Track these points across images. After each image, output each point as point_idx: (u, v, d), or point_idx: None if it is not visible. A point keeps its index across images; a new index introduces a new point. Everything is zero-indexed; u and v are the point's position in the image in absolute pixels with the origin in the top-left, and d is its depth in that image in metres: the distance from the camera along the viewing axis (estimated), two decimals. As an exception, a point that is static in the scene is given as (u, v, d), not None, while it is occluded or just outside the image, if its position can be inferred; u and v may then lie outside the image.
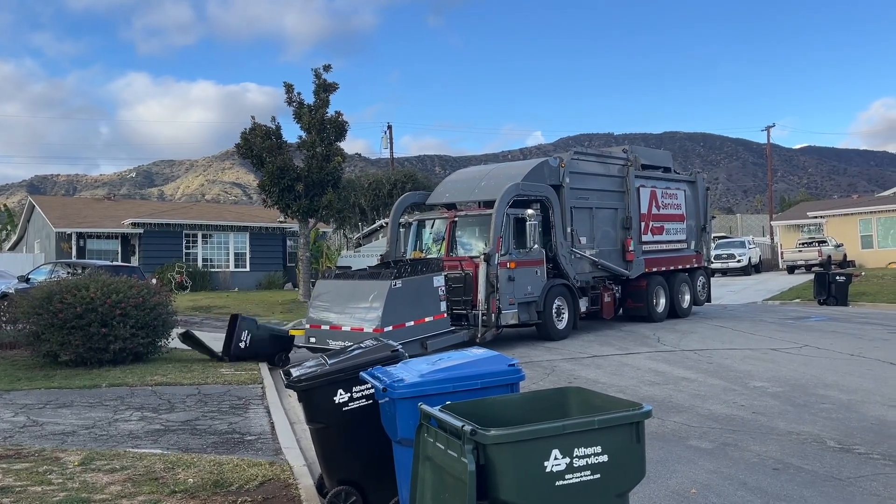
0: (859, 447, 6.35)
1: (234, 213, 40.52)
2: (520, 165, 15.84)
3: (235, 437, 6.97)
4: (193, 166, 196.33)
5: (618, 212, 16.56)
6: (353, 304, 11.47)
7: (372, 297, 11.20)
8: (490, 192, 14.22)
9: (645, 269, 16.85)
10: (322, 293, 12.20)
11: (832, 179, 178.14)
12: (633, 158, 17.00)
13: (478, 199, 14.84)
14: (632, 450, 3.34)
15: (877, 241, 38.19)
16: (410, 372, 4.45)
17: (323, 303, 11.92)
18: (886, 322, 16.66)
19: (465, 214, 14.44)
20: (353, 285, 11.92)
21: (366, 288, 11.52)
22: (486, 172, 15.87)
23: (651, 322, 16.67)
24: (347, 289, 11.90)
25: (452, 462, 3.24)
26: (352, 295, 11.64)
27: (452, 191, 15.77)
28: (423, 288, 11.77)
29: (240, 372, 10.66)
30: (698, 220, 19.68)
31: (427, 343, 11.31)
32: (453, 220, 14.39)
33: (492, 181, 14.80)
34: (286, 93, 24.79)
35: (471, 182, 15.63)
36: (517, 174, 14.47)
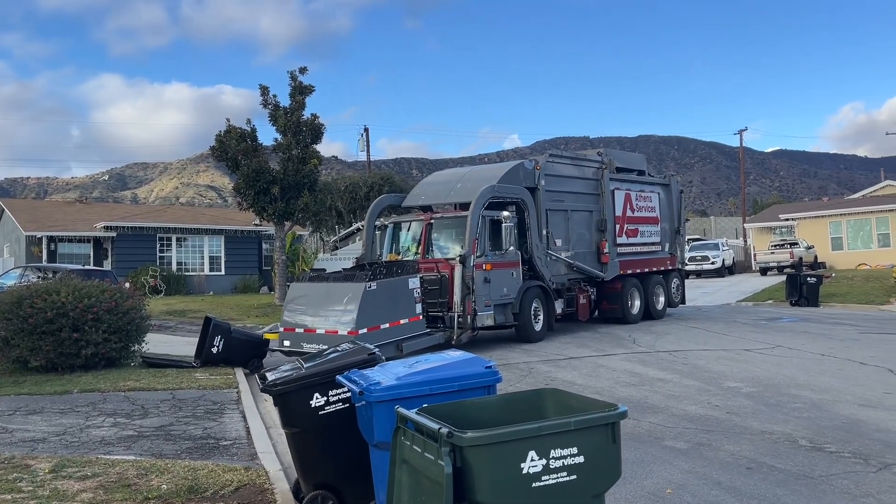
0: (830, 446, 6.45)
1: (209, 216, 40.15)
2: (495, 168, 15.84)
3: (210, 443, 6.90)
4: (167, 169, 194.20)
5: (593, 214, 16.61)
6: (327, 307, 11.37)
7: (346, 299, 11.13)
8: (466, 195, 14.22)
9: (620, 271, 16.90)
10: (296, 296, 12.07)
11: (803, 182, 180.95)
12: (607, 161, 17.08)
13: (454, 202, 14.84)
14: (608, 450, 3.36)
15: (846, 243, 38.85)
16: (387, 375, 4.43)
17: (297, 306, 11.83)
18: (856, 322, 16.95)
19: (441, 216, 14.44)
20: (327, 288, 11.81)
21: (340, 290, 11.43)
22: (461, 175, 15.84)
23: (626, 324, 16.75)
24: (322, 291, 11.79)
25: (429, 465, 3.23)
26: (326, 297, 11.54)
27: (428, 193, 15.72)
28: (399, 290, 11.69)
29: (215, 377, 10.55)
30: (672, 222, 19.84)
31: (402, 345, 11.30)
32: (429, 222, 14.36)
33: (468, 183, 14.80)
34: (262, 95, 24.62)
35: (446, 184, 15.60)
36: (493, 176, 14.47)
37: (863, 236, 38.37)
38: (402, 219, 15.44)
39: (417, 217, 14.98)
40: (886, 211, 37.62)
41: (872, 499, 5.10)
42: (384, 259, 14.53)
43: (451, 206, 14.92)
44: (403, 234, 15.07)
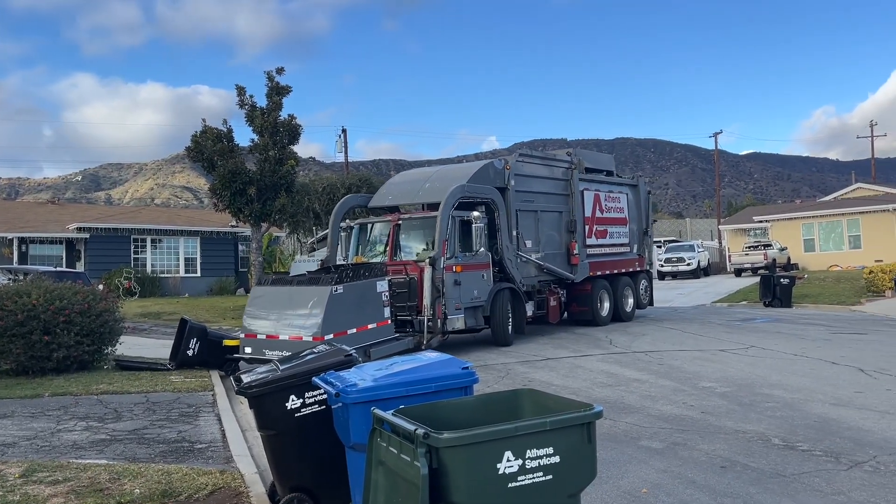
0: (802, 444, 6.54)
1: (185, 217, 39.75)
2: (465, 167, 15.50)
3: (185, 446, 6.82)
4: (142, 170, 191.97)
5: (562, 215, 16.38)
6: (291, 312, 10.78)
7: (311, 303, 10.54)
8: (434, 195, 13.90)
9: (589, 272, 16.68)
10: (257, 300, 11.44)
11: (776, 185, 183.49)
12: (577, 161, 16.85)
13: (422, 202, 14.47)
14: (583, 450, 3.38)
15: (818, 245, 39.43)
16: (363, 376, 4.42)
17: (259, 310, 11.18)
18: (828, 323, 17.21)
19: (409, 217, 14.09)
20: (290, 291, 11.15)
21: (304, 294, 10.81)
22: (430, 174, 15.42)
23: (595, 326, 16.63)
24: (284, 295, 11.14)
25: (405, 466, 3.22)
26: (289, 301, 10.94)
27: (395, 193, 15.27)
28: (366, 293, 11.22)
29: (189, 379, 10.45)
30: (640, 223, 19.68)
31: (370, 351, 10.88)
32: (397, 223, 13.96)
33: (436, 183, 14.42)
34: (238, 95, 24.42)
35: (414, 184, 15.21)
36: (462, 176, 14.12)
37: (834, 238, 38.97)
38: (369, 220, 15.05)
39: (384, 218, 14.52)
40: (857, 213, 38.25)
41: (843, 496, 5.18)
42: (350, 261, 14.05)
43: (419, 207, 14.58)
44: (370, 236, 14.67)
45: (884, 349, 12.42)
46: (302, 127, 24.56)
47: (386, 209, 15.14)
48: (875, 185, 48.05)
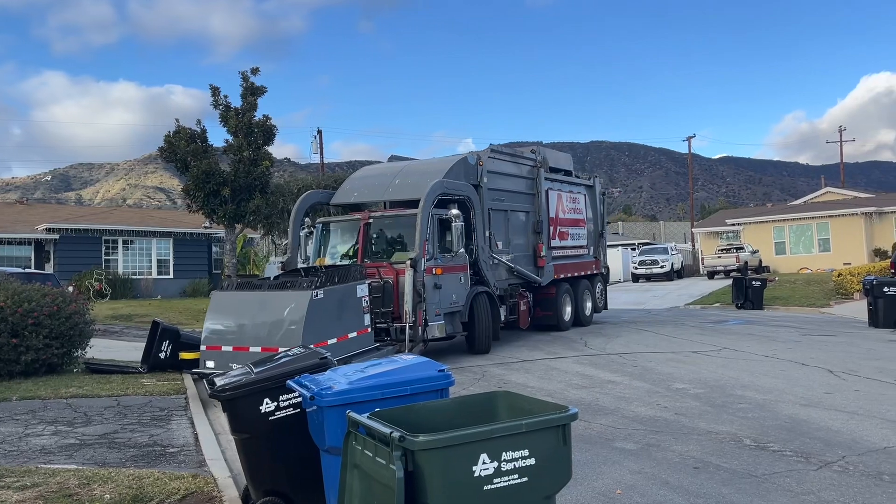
0: (773, 445, 6.63)
1: (158, 218, 39.27)
2: (437, 163, 14.43)
3: (157, 450, 6.73)
4: (114, 170, 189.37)
5: (529, 215, 15.65)
6: (263, 320, 9.65)
7: (288, 310, 9.47)
8: (407, 191, 13.05)
9: (554, 275, 16.05)
10: (220, 307, 10.16)
11: (748, 189, 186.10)
12: (541, 160, 16.19)
13: (391, 199, 13.44)
14: (559, 452, 3.39)
15: (789, 248, 40.06)
16: (339, 379, 4.39)
17: (222, 319, 9.97)
18: (798, 325, 17.47)
19: (381, 215, 13.01)
20: (261, 297, 9.95)
21: (279, 300, 9.73)
22: (398, 170, 14.39)
23: (559, 331, 16.09)
24: (254, 301, 9.93)
25: (380, 469, 3.21)
26: (261, 309, 9.79)
27: (361, 190, 14.05)
28: (346, 299, 10.21)
29: (161, 382, 10.31)
30: (597, 225, 19.07)
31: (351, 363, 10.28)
32: (367, 221, 12.82)
33: (407, 179, 13.51)
34: (212, 95, 24.26)
35: (381, 180, 14.07)
36: (436, 171, 13.21)
37: (804, 241, 39.62)
38: (334, 219, 13.84)
39: (351, 216, 13.38)
40: (826, 217, 38.92)
41: (813, 496, 5.25)
42: (311, 263, 12.85)
43: (386, 205, 13.56)
44: (335, 236, 13.59)
45: (852, 351, 12.64)
46: (277, 128, 24.52)
47: (350, 207, 14.12)
48: (844, 190, 49.02)
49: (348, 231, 13.29)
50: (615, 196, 22.66)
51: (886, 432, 6.95)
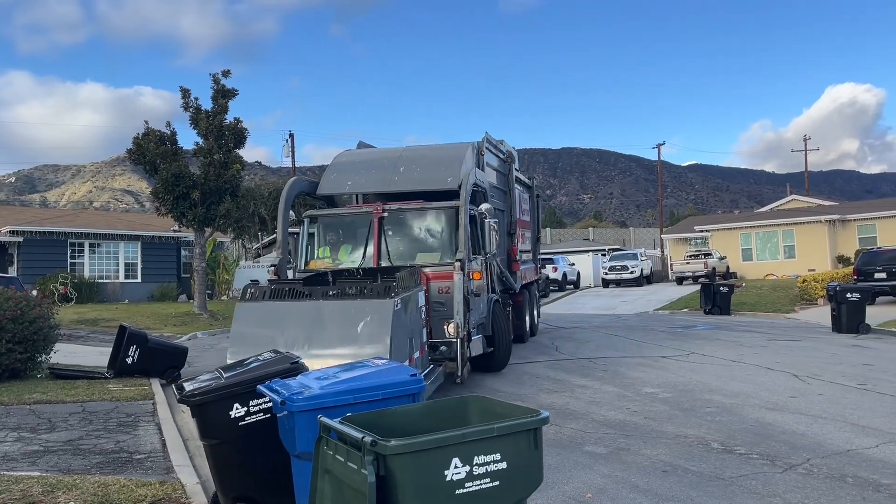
0: (740, 448, 6.73)
1: (125, 221, 38.67)
2: (446, 149, 12.36)
3: (123, 457, 6.62)
4: (81, 172, 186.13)
5: (504, 214, 14.13)
6: (324, 336, 7.55)
7: (363, 325, 7.48)
8: (418, 181, 11.10)
9: (523, 280, 14.82)
10: (252, 324, 7.90)
11: (717, 196, 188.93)
12: (509, 153, 14.82)
13: (398, 190, 11.25)
14: (530, 456, 3.40)
15: (756, 254, 40.71)
16: (310, 384, 4.37)
17: (256, 341, 7.39)
18: (764, 330, 17.77)
19: (399, 208, 10.73)
20: (316, 309, 7.82)
21: (346, 311, 7.70)
22: (396, 156, 12.06)
23: (521, 342, 14.76)
24: (305, 315, 7.82)
25: (352, 474, 3.20)
26: (316, 324, 7.67)
27: (357, 179, 11.76)
28: (413, 310, 8.41)
29: (128, 388, 10.15)
30: (534, 228, 17.73)
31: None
32: (381, 215, 10.61)
33: (414, 166, 11.53)
34: (182, 97, 23.97)
35: (379, 167, 11.86)
36: (453, 158, 11.39)
37: (770, 248, 40.30)
38: (333, 212, 11.38)
39: (360, 209, 11.16)
40: (792, 224, 39.64)
41: (779, 498, 5.34)
42: (302, 266, 10.96)
43: (391, 197, 11.31)
44: (334, 233, 11.29)
45: (816, 355, 12.88)
46: (248, 130, 24.30)
47: (342, 199, 11.97)
48: (808, 198, 49.99)
49: (353, 227, 11.02)
50: (585, 202, 22.67)
51: (849, 435, 7.09)
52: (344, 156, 12.74)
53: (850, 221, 38.89)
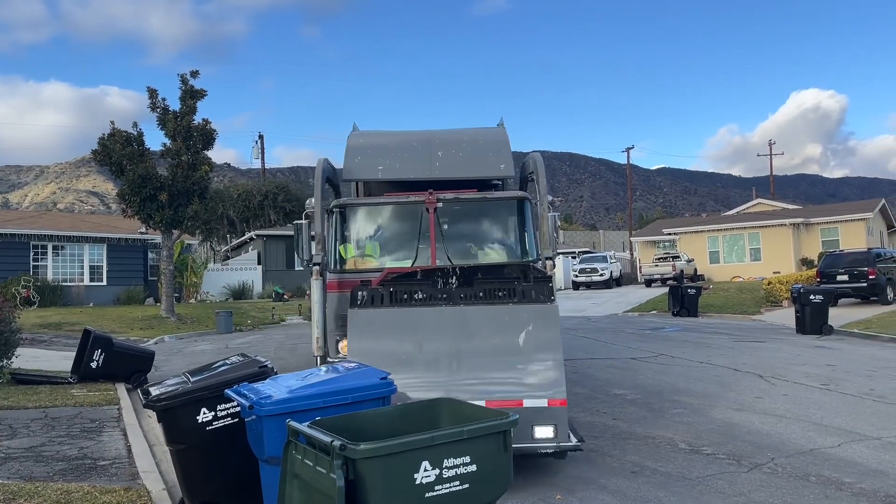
0: (707, 448, 6.82)
1: (91, 223, 37.99)
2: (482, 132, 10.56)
3: (87, 463, 6.49)
4: (44, 173, 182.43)
5: None
6: (481, 352, 6.21)
7: (524, 335, 6.18)
8: (467, 167, 9.49)
9: None
10: (378, 335, 6.40)
11: (685, 199, 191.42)
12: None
13: (441, 178, 9.44)
14: (499, 459, 3.41)
15: (723, 257, 41.34)
16: (279, 388, 4.33)
17: (383, 356, 5.96)
18: (731, 331, 18.03)
19: (456, 198, 8.97)
20: (460, 315, 6.43)
21: (501, 319, 6.36)
22: (425, 138, 10.18)
23: None
24: (451, 322, 6.41)
25: (321, 478, 3.17)
26: (466, 333, 6.33)
27: (389, 163, 9.71)
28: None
29: (93, 393, 9.97)
30: None
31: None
32: (435, 205, 8.87)
33: (455, 151, 9.78)
34: (150, 98, 23.65)
35: (413, 150, 9.95)
36: (497, 143, 9.86)
37: (737, 250, 40.95)
38: (380, 201, 9.35)
39: (407, 198, 9.10)
40: (757, 227, 40.33)
41: (744, 497, 5.43)
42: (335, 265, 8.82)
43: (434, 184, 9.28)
44: (370, 225, 9.55)
45: (781, 356, 13.11)
46: (217, 132, 24.06)
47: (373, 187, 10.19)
48: (774, 201, 50.94)
49: (397, 219, 9.38)
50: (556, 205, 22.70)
51: (812, 434, 7.23)
52: (361, 136, 10.62)
53: (814, 225, 39.68)
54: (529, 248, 8.81)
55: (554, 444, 5.76)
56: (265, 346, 17.73)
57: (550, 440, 5.75)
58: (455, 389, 5.74)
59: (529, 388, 5.92)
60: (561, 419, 5.70)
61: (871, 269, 22.28)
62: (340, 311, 7.93)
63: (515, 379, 5.99)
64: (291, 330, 23.00)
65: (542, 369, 6.00)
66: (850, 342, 15.39)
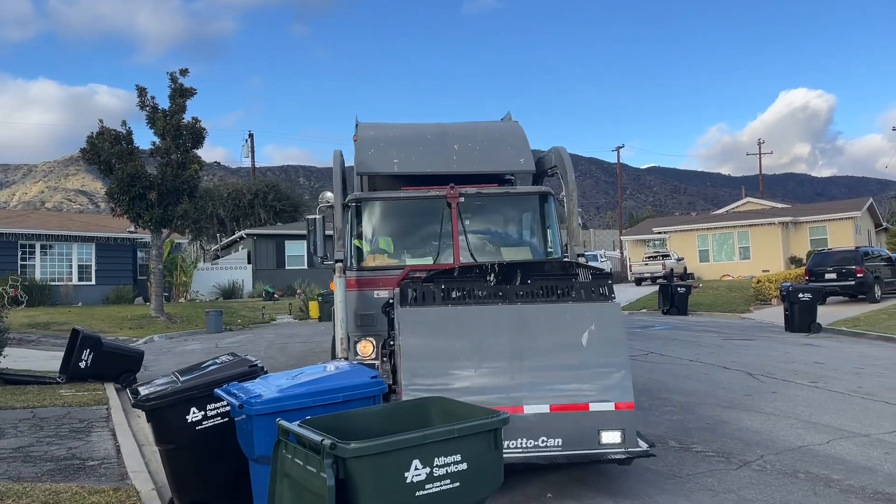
0: (697, 446, 6.85)
1: (79, 222, 37.76)
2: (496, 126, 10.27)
3: (76, 463, 6.45)
4: (32, 171, 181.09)
5: None
6: (535, 355, 5.75)
7: (587, 335, 5.81)
8: (486, 161, 9.01)
9: None
10: (432, 334, 5.88)
11: (674, 198, 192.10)
12: None
13: (461, 172, 8.90)
14: (490, 457, 3.41)
15: (712, 255, 41.52)
16: (268, 387, 4.32)
17: (440, 356, 5.74)
18: (720, 330, 18.12)
19: (478, 192, 8.57)
20: (518, 314, 5.94)
21: (561, 318, 5.96)
22: (439, 131, 9.63)
23: None
24: (509, 322, 5.91)
25: (311, 477, 3.17)
26: (527, 334, 5.83)
27: (405, 156, 9.08)
28: None
29: (82, 393, 9.91)
30: None
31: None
32: (458, 200, 8.43)
33: (471, 144, 9.33)
34: (139, 96, 23.53)
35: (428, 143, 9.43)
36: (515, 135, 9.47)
37: (726, 249, 41.14)
38: (398, 195, 8.73)
39: (427, 193, 8.57)
40: (747, 226, 40.54)
41: (734, 494, 5.45)
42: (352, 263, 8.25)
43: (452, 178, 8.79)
44: (388, 221, 9.02)
45: (770, 354, 13.18)
46: (206, 130, 23.97)
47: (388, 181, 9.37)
48: (763, 200, 51.24)
49: (415, 214, 8.90)
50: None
51: (801, 432, 7.27)
52: (371, 129, 9.95)
53: (803, 223, 39.92)
54: (553, 245, 8.50)
55: (622, 449, 5.45)
56: (255, 345, 17.67)
57: (618, 445, 5.45)
58: (516, 392, 5.52)
59: (595, 390, 5.60)
60: (629, 423, 5.47)
61: (859, 268, 22.44)
62: (360, 310, 7.70)
63: (580, 381, 5.66)
64: (282, 329, 22.95)
65: (608, 371, 5.69)
66: (839, 340, 15.50)
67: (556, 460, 5.31)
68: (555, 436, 5.40)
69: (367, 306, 7.72)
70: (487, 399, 5.24)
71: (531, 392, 5.52)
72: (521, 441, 5.38)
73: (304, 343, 17.84)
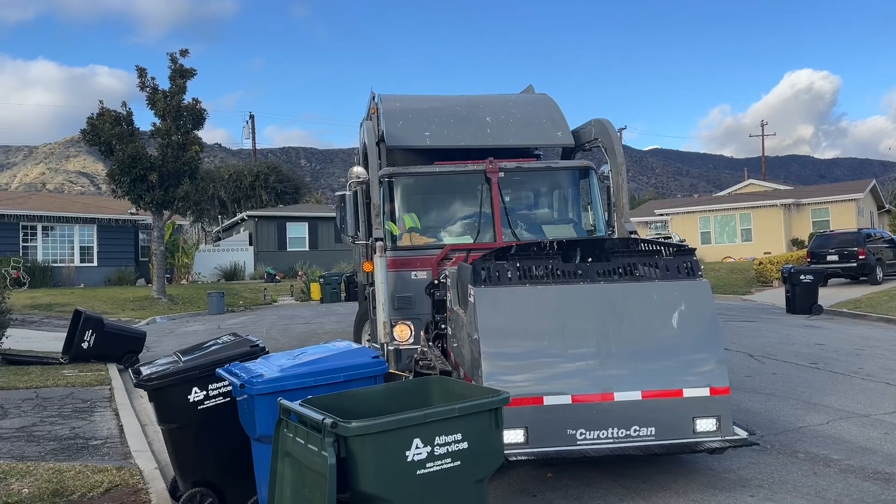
0: (697, 426, 6.86)
1: (80, 203, 37.74)
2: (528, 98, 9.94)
3: (79, 443, 6.50)
4: (33, 153, 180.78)
5: None
6: (624, 339, 5.29)
7: (678, 315, 5.41)
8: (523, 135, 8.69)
9: None
10: (513, 315, 5.29)
11: (676, 180, 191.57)
12: None
13: (496, 145, 8.45)
14: (491, 436, 3.43)
15: (714, 237, 41.48)
16: (270, 367, 4.33)
17: (524, 339, 5.21)
18: (722, 311, 18.09)
19: (518, 167, 8.16)
20: (602, 293, 5.45)
21: (649, 297, 5.49)
22: (469, 103, 9.32)
23: None
24: (595, 302, 5.43)
25: (312, 456, 3.18)
26: (613, 315, 5.35)
27: (436, 129, 8.65)
28: None
29: (84, 373, 9.96)
30: None
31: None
32: (497, 174, 7.96)
33: (505, 116, 8.98)
34: (139, 77, 23.44)
35: (459, 116, 8.99)
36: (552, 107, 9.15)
37: (728, 231, 41.09)
38: (435, 170, 8.23)
39: (465, 167, 8.09)
40: (749, 208, 40.45)
41: (733, 474, 5.49)
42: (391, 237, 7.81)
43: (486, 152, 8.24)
44: (422, 197, 8.51)
45: (770, 336, 13.20)
46: (207, 111, 23.91)
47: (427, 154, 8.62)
48: (765, 182, 51.04)
49: (451, 190, 8.45)
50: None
51: (801, 412, 7.30)
52: (396, 100, 9.39)
53: (805, 205, 39.82)
54: (597, 221, 8.13)
55: (718, 438, 5.12)
56: (257, 326, 17.73)
57: (713, 433, 5.13)
58: (606, 378, 5.10)
59: (688, 375, 5.21)
60: (725, 410, 5.15)
61: (861, 250, 22.41)
62: (396, 292, 7.43)
63: (671, 365, 5.24)
64: (283, 311, 23.00)
65: (701, 354, 5.33)
66: (840, 321, 15.51)
67: (651, 450, 5.00)
68: (647, 424, 5.05)
69: (404, 288, 7.47)
70: (576, 385, 5.05)
71: (621, 378, 5.12)
72: (613, 431, 5.06)
73: (306, 324, 17.89)
